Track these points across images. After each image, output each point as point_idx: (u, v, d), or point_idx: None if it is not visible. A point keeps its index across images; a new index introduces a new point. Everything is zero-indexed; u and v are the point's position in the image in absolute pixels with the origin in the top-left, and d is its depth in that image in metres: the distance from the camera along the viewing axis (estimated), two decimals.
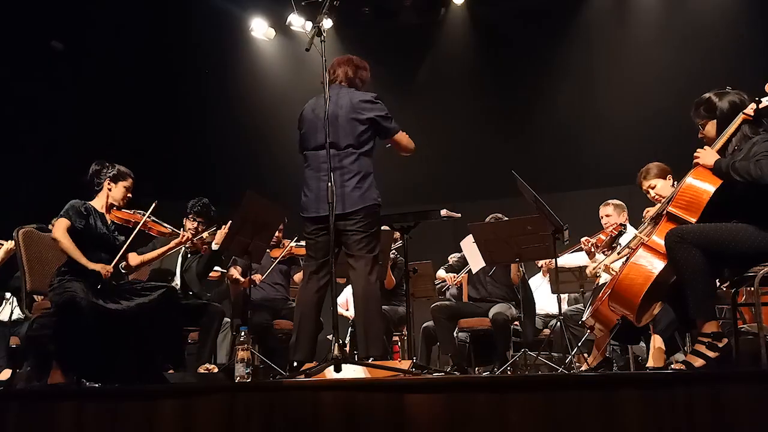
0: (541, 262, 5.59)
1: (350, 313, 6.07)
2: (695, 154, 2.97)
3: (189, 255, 4.75)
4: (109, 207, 3.97)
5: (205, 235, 4.50)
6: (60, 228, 3.70)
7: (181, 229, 4.46)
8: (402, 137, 3.60)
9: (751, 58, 6.57)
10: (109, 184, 3.94)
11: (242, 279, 5.12)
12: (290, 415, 2.51)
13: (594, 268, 4.55)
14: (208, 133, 8.12)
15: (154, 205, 4.08)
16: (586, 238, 4.76)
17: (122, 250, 3.87)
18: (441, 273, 5.75)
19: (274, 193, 5.42)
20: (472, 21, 8.06)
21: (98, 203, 3.94)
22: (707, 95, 3.04)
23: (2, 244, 4.67)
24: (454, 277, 5.59)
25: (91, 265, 3.69)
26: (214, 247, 4.50)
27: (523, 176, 4.25)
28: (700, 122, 3.05)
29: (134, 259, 4.20)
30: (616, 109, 7.41)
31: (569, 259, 5.15)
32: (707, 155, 2.91)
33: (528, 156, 7.46)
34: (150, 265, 4.58)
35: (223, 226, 4.48)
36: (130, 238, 3.96)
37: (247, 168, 7.86)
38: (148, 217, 4.05)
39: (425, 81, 8.25)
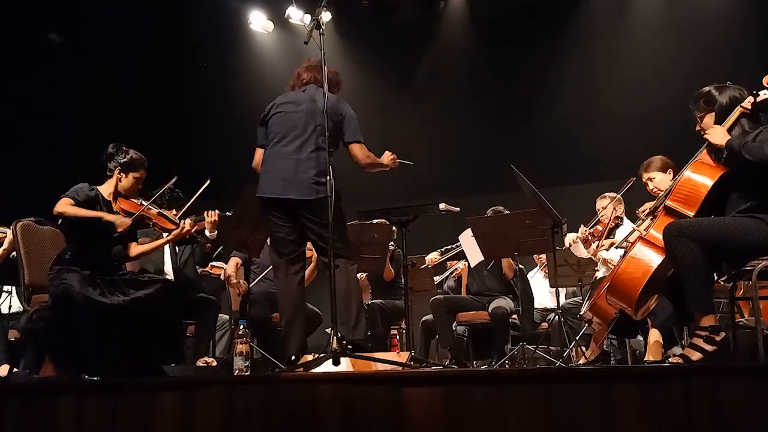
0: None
1: None
2: (706, 132, 2.96)
3: (177, 248, 4.68)
4: (116, 195, 3.86)
5: (189, 223, 4.27)
6: (62, 203, 3.59)
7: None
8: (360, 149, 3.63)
9: (750, 55, 6.57)
10: (119, 173, 3.84)
11: (241, 285, 5.02)
12: (289, 408, 2.52)
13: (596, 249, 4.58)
14: (208, 133, 8.11)
15: (155, 197, 4.01)
16: (583, 228, 4.79)
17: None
18: (431, 255, 5.80)
19: None
20: (471, 15, 8.07)
21: (106, 190, 3.83)
22: (707, 88, 3.05)
23: (5, 233, 4.56)
24: (436, 259, 5.62)
25: (107, 216, 3.64)
26: (209, 235, 4.39)
27: (522, 170, 4.24)
28: (698, 114, 3.06)
29: (134, 249, 4.08)
30: (615, 105, 7.40)
31: None
32: (718, 134, 2.90)
33: (527, 150, 7.44)
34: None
35: (210, 213, 4.36)
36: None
37: (247, 168, 7.83)
38: (150, 206, 3.93)
39: (424, 75, 8.25)
